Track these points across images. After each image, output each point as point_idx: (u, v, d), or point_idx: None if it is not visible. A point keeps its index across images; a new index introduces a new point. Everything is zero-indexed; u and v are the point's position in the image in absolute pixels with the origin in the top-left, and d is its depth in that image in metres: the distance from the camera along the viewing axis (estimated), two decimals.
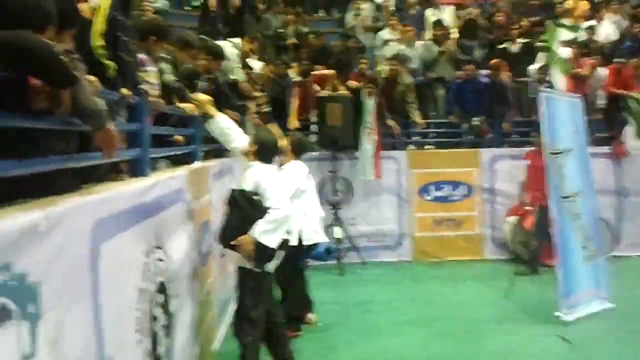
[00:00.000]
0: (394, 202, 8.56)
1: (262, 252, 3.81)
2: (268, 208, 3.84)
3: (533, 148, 7.63)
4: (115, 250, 2.33)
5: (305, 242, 5.09)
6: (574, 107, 6.16)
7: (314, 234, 5.18)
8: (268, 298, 4.12)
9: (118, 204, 2.45)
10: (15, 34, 1.81)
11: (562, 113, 5.93)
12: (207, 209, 4.76)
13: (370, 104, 8.15)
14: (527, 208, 7.89)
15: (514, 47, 9.63)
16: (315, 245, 5.18)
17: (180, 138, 4.79)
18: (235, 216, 3.91)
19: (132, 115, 3.29)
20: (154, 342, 2.72)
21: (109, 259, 2.23)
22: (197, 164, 4.84)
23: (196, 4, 12.24)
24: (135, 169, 3.26)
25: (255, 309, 3.91)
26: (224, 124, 4.29)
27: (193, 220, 3.96)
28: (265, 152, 4.12)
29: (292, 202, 4.43)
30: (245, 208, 3.87)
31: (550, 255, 7.66)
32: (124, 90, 3.03)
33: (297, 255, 4.97)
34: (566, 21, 10.90)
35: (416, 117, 8.44)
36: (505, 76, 8.81)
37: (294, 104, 8.26)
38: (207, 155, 6.10)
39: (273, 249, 3.82)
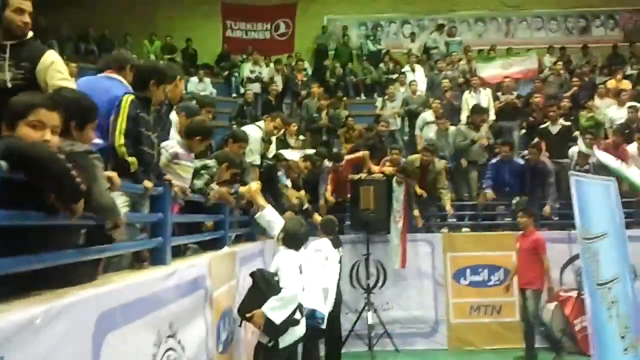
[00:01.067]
0: (429, 286, 8.43)
1: (270, 327, 4.31)
2: (281, 288, 4.39)
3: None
4: (120, 341, 2.40)
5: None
6: (608, 190, 6.03)
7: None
8: None
9: (127, 295, 2.54)
10: (29, 145, 1.98)
11: (594, 197, 5.82)
12: (232, 294, 4.82)
13: (399, 191, 8.23)
14: (568, 294, 7.64)
15: (555, 128, 9.58)
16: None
17: (210, 224, 4.95)
18: (253, 292, 4.49)
19: (155, 205, 3.44)
20: None
21: (113, 351, 2.29)
22: (224, 250, 4.95)
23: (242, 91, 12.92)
24: (156, 257, 3.38)
25: None
26: (270, 215, 5.02)
27: (213, 308, 4.01)
28: (291, 240, 4.77)
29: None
30: (262, 286, 4.44)
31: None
32: (147, 183, 3.19)
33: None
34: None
35: (447, 203, 8.42)
36: (545, 157, 8.78)
37: (328, 190, 8.40)
38: (239, 239, 6.26)
39: (281, 325, 4.31)
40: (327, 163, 8.59)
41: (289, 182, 7.57)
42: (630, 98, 10.83)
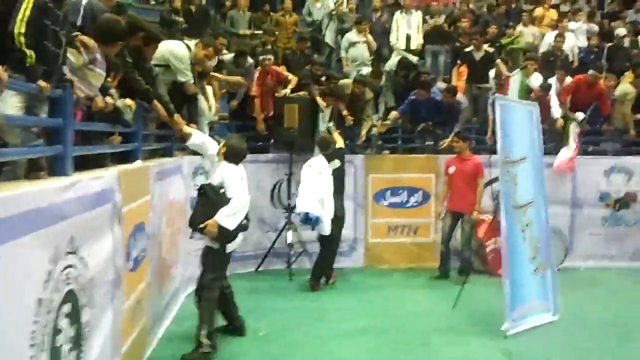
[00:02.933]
0: (349, 207, 8.40)
1: (223, 234, 4.72)
2: (229, 198, 4.74)
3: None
4: (9, 257, 2.11)
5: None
6: (531, 115, 6.11)
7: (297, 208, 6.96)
8: (224, 273, 5.12)
9: (18, 205, 2.23)
10: None
11: (517, 120, 5.87)
12: (145, 210, 4.54)
13: (327, 112, 8.06)
14: (482, 216, 7.85)
15: (478, 54, 9.57)
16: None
17: (117, 138, 4.56)
18: (203, 205, 4.81)
19: (54, 110, 3.06)
20: (55, 357, 2.49)
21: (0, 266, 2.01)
22: (137, 163, 4.62)
23: None
24: (55, 167, 3.04)
25: (215, 281, 4.93)
26: (198, 139, 5.26)
27: (122, 223, 3.73)
28: (232, 155, 4.99)
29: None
30: (212, 198, 4.78)
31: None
32: (42, 83, 2.79)
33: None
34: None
35: (363, 130, 8.40)
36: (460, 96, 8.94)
37: (257, 104, 8.09)
38: (154, 155, 5.90)
39: (233, 231, 4.74)
40: (250, 60, 8.30)
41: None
42: (554, 27, 11.00)
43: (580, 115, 8.71)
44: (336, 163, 7.15)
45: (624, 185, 8.61)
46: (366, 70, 9.07)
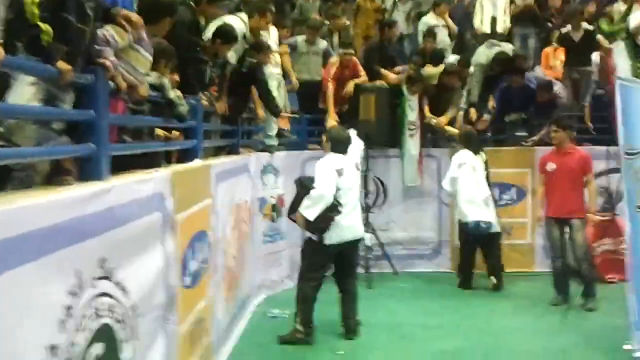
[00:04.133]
0: (433, 205, 7.65)
1: (309, 224, 4.82)
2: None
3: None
4: (7, 289, 1.55)
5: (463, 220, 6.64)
6: None
7: (464, 217, 6.60)
8: (322, 265, 5.07)
9: (14, 225, 1.66)
10: None
11: (637, 104, 4.90)
12: (206, 216, 3.98)
13: (413, 101, 7.28)
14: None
15: (577, 34, 8.45)
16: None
17: (176, 134, 4.02)
18: (296, 196, 5.03)
19: (83, 99, 2.50)
20: None
21: None
22: (195, 163, 4.07)
23: None
24: (87, 170, 2.49)
25: (309, 272, 5.04)
26: None
27: (176, 234, 3.16)
28: (334, 145, 5.06)
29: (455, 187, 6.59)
30: (299, 190, 5.01)
31: (612, 269, 6.82)
32: (62, 65, 2.22)
33: (463, 230, 6.75)
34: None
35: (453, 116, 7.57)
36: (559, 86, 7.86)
37: (331, 92, 7.28)
38: (217, 152, 5.37)
39: (317, 222, 4.77)
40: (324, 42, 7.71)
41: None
42: None
43: None
44: (483, 155, 6.83)
45: None
46: (452, 58, 8.05)
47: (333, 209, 4.79)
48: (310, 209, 4.73)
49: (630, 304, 4.58)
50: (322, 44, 7.73)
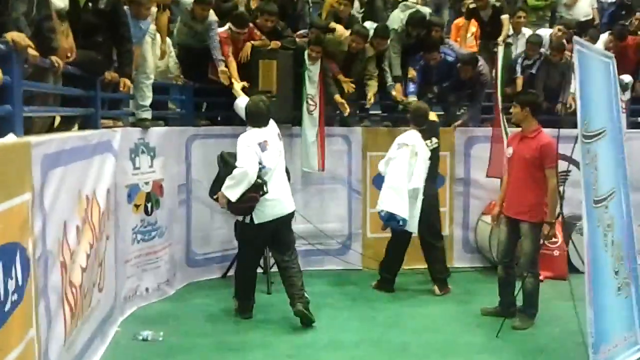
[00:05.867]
0: (342, 194, 6.62)
1: (232, 205, 4.56)
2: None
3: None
4: None
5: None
6: (608, 69, 4.32)
7: (380, 203, 5.55)
8: (258, 246, 4.97)
9: None
10: None
11: (596, 77, 4.08)
12: (21, 220, 2.62)
13: (314, 70, 6.12)
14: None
15: (486, 12, 7.60)
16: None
17: None
18: (220, 173, 4.71)
19: None
20: None
21: None
22: (8, 139, 2.69)
23: None
24: None
25: (246, 257, 4.95)
26: (241, 103, 5.07)
27: None
28: (251, 118, 4.82)
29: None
30: (220, 167, 4.74)
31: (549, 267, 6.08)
32: None
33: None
34: None
35: (370, 92, 6.42)
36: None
37: (232, 63, 5.87)
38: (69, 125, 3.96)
39: (240, 202, 4.51)
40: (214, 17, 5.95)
41: None
42: None
43: (626, 78, 6.97)
44: (434, 142, 5.79)
45: None
46: (368, 25, 6.75)
47: (258, 188, 4.55)
48: (233, 189, 4.48)
49: (589, 320, 3.76)
50: (212, 17, 5.98)
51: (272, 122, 4.90)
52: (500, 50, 6.45)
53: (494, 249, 6.35)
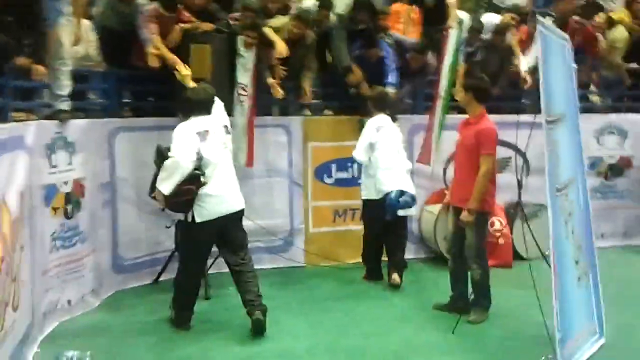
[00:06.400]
0: (282, 187, 6.23)
1: (169, 200, 4.16)
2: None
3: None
4: None
5: (376, 196, 5.46)
6: (564, 51, 4.16)
7: (382, 186, 5.41)
8: (202, 249, 4.46)
9: None
10: None
11: (555, 60, 3.90)
12: None
13: (248, 57, 5.66)
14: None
15: None
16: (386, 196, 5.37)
17: None
18: (157, 168, 4.29)
19: None
20: None
21: None
22: None
23: None
24: None
25: (188, 260, 4.48)
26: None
27: None
28: (190, 107, 4.39)
29: (369, 155, 5.49)
30: (156, 162, 4.34)
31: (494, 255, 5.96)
32: None
33: (374, 209, 5.51)
34: None
35: (306, 85, 6.09)
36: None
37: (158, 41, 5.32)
38: None
39: (182, 195, 4.11)
40: None
41: None
42: None
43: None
44: (398, 125, 5.82)
45: (618, 148, 7.04)
46: (308, 3, 6.33)
47: (194, 179, 4.13)
48: (166, 182, 4.10)
49: (555, 313, 3.58)
50: None
51: (219, 111, 4.49)
52: (453, 32, 6.21)
53: (439, 239, 6.21)
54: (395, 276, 5.52)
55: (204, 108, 4.35)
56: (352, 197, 6.29)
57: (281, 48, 5.58)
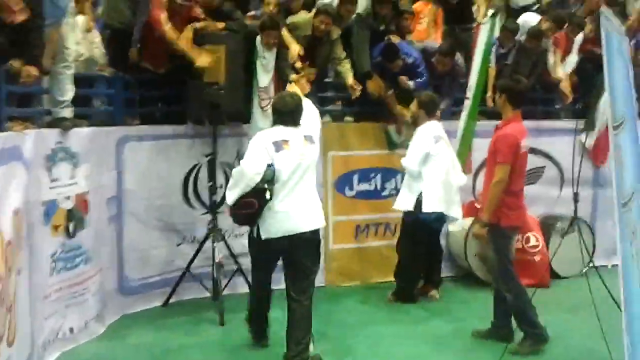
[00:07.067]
0: None
1: (232, 211, 3.93)
2: None
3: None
4: None
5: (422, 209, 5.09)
6: (622, 49, 3.73)
7: (429, 202, 5.06)
8: (262, 265, 4.14)
9: None
10: None
11: (618, 58, 3.47)
12: None
13: (269, 58, 5.22)
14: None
15: None
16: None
17: None
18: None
19: None
20: None
21: None
22: None
23: None
24: None
25: (252, 272, 4.29)
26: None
27: None
28: (276, 115, 4.04)
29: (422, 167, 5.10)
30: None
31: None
32: None
33: (410, 222, 5.20)
34: None
35: (349, 76, 5.59)
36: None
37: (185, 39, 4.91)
38: None
39: (244, 208, 3.82)
40: None
41: None
42: None
43: None
44: None
45: None
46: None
47: (258, 193, 3.77)
48: (231, 191, 3.87)
49: (626, 348, 3.12)
50: None
51: (307, 123, 4.08)
52: (484, 29, 5.78)
53: (470, 256, 5.76)
54: (434, 292, 5.26)
55: (288, 117, 3.93)
56: (375, 211, 5.90)
57: (295, 51, 5.17)
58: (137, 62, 4.94)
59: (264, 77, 5.20)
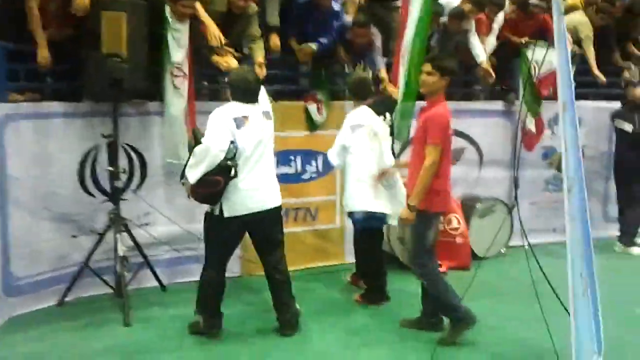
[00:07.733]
0: None
1: (195, 189, 3.82)
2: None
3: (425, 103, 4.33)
4: None
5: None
6: (564, 30, 3.57)
7: (347, 200, 4.72)
8: (227, 245, 4.09)
9: None
10: None
11: (563, 43, 3.31)
12: None
13: (182, 30, 4.66)
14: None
15: None
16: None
17: None
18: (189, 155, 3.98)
19: None
20: None
21: None
22: None
23: None
24: None
25: (212, 254, 4.05)
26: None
27: None
28: (233, 91, 4.02)
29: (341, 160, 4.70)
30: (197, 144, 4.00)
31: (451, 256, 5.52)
32: None
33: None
34: None
35: (259, 56, 5.11)
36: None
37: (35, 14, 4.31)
38: None
39: (208, 186, 3.76)
40: None
41: None
42: None
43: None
44: (388, 118, 4.86)
45: None
46: None
47: (223, 170, 3.74)
48: (193, 170, 3.76)
49: (573, 334, 3.02)
50: None
51: (263, 100, 4.07)
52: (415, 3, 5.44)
53: (393, 240, 5.57)
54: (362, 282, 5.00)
55: (250, 95, 3.93)
56: (295, 195, 5.56)
57: (215, 33, 4.68)
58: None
59: (178, 53, 4.62)
